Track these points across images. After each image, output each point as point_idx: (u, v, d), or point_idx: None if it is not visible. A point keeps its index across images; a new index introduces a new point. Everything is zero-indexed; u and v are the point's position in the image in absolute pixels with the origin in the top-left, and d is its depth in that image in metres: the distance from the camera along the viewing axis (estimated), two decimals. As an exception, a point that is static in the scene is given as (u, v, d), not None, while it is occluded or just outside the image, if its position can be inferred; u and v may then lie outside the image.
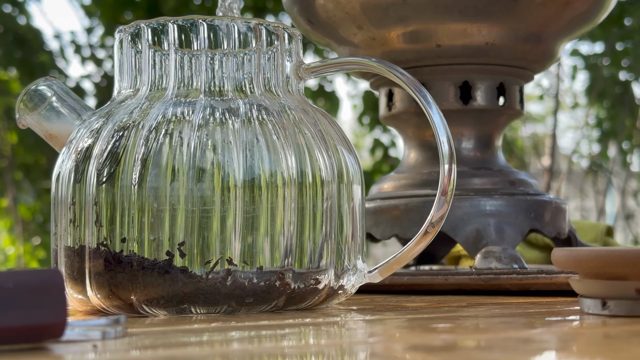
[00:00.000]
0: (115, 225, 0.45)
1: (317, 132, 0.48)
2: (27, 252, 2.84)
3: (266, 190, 0.46)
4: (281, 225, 0.46)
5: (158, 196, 0.45)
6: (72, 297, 0.47)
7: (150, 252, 0.45)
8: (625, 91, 3.08)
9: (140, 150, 0.45)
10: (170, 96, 0.48)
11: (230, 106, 0.47)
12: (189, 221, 0.45)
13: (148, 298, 0.45)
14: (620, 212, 3.35)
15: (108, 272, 0.45)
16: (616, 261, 0.39)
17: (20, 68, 2.61)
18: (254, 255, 0.45)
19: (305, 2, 0.68)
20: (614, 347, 0.30)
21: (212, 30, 0.49)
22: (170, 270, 0.44)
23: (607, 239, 0.93)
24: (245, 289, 0.45)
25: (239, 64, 0.49)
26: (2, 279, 0.30)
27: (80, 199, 0.46)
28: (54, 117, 0.50)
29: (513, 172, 0.70)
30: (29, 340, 0.31)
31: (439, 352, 0.29)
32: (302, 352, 0.31)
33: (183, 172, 0.45)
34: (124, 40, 0.50)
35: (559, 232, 0.69)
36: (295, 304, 0.47)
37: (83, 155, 0.47)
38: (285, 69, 0.50)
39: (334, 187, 0.48)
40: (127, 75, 0.50)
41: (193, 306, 0.45)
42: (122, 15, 2.74)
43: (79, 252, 0.46)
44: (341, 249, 0.48)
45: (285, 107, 0.49)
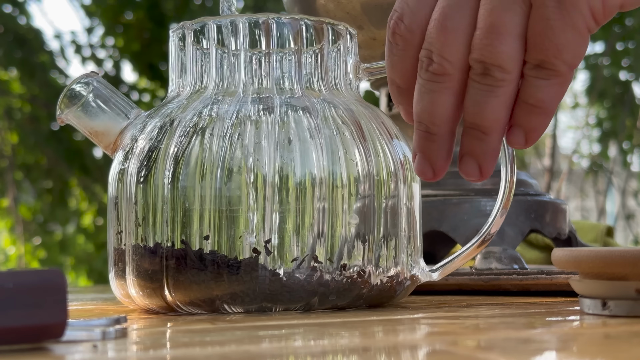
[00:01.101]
0: (194, 224, 0.45)
1: (380, 128, 0.49)
2: (27, 252, 2.84)
3: (341, 188, 0.46)
4: (358, 223, 0.46)
5: (230, 195, 0.45)
6: (140, 295, 0.47)
7: (228, 251, 0.45)
8: (626, 91, 3.08)
9: (216, 150, 0.45)
10: (242, 94, 0.48)
11: (305, 104, 0.47)
12: (274, 219, 0.45)
13: (232, 296, 0.45)
14: (621, 212, 3.35)
15: (190, 270, 0.45)
16: (616, 261, 0.39)
17: (20, 68, 2.61)
18: (335, 253, 0.45)
19: (305, 2, 0.68)
20: (614, 347, 0.30)
21: (279, 29, 0.49)
22: (256, 268, 0.44)
23: (608, 239, 0.93)
24: (329, 286, 0.45)
25: (305, 62, 0.49)
26: (2, 279, 0.30)
27: (147, 199, 0.46)
28: (95, 114, 0.50)
29: (513, 172, 0.70)
30: (29, 341, 0.31)
31: (439, 352, 0.30)
32: (298, 352, 0.31)
33: (264, 171, 0.45)
34: (186, 37, 0.50)
35: (559, 232, 0.69)
36: (368, 302, 0.47)
37: (148, 155, 0.47)
38: (347, 67, 0.51)
39: (400, 185, 0.48)
40: (190, 74, 0.50)
41: (275, 304, 0.45)
42: (122, 15, 2.74)
43: (153, 250, 0.46)
44: (408, 247, 0.49)
45: (352, 103, 0.49)
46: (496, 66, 0.39)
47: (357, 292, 0.46)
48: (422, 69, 0.40)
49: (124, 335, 0.35)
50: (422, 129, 0.41)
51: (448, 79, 0.40)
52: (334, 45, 0.50)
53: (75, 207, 2.87)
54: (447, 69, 0.40)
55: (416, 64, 0.41)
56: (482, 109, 0.39)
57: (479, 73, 0.39)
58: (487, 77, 0.39)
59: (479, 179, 0.42)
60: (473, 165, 0.41)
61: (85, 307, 0.54)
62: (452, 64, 0.40)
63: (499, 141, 0.41)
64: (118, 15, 2.73)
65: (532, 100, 0.39)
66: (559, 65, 0.38)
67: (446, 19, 0.39)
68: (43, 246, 2.85)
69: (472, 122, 0.40)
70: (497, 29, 0.38)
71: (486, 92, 0.39)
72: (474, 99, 0.40)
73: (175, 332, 0.37)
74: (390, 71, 0.42)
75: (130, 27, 2.73)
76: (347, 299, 0.46)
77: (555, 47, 0.38)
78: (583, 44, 0.39)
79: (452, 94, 0.40)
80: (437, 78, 0.40)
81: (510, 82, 0.39)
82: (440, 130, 0.41)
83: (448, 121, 0.41)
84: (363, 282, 0.46)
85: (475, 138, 0.40)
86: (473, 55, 0.39)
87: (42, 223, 2.87)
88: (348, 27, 0.51)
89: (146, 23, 2.69)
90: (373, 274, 0.46)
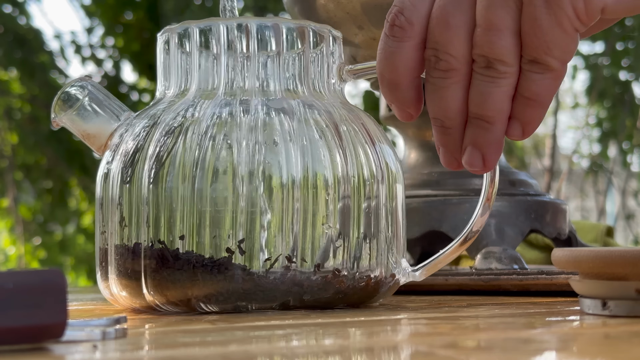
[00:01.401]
0: (173, 224, 0.46)
1: (362, 131, 0.49)
2: (27, 252, 2.84)
3: (316, 189, 0.46)
4: (334, 224, 0.46)
5: (208, 196, 0.45)
6: (123, 294, 0.48)
7: (206, 251, 0.45)
8: (626, 91, 3.08)
9: (194, 151, 0.46)
10: (222, 96, 0.48)
11: (283, 106, 0.48)
12: (247, 219, 0.45)
13: (206, 295, 0.45)
14: (621, 212, 3.35)
15: (166, 269, 0.45)
16: (616, 261, 0.39)
17: (20, 68, 2.61)
18: (310, 253, 0.46)
19: (306, 2, 0.68)
20: (614, 347, 0.30)
21: (260, 31, 0.49)
22: (230, 267, 0.45)
23: (608, 239, 0.93)
24: (303, 286, 0.46)
25: (286, 65, 0.49)
26: (2, 280, 0.30)
27: (131, 199, 0.47)
28: (89, 117, 0.51)
29: (513, 173, 0.70)
30: (29, 341, 0.31)
31: (440, 352, 0.29)
32: (294, 352, 0.31)
33: (240, 171, 0.46)
34: (170, 41, 0.50)
35: (559, 232, 0.69)
36: (346, 302, 0.48)
37: (132, 156, 0.47)
38: (330, 70, 0.51)
39: (380, 186, 0.48)
40: (175, 76, 0.50)
41: (250, 303, 0.45)
42: (122, 15, 2.74)
43: (132, 250, 0.47)
44: (389, 247, 0.49)
45: (332, 106, 0.49)
46: (498, 60, 0.41)
47: (333, 291, 0.46)
48: (431, 67, 0.42)
49: (124, 335, 0.35)
50: (438, 124, 0.43)
51: (455, 74, 0.42)
52: (316, 48, 0.50)
53: (75, 207, 2.87)
54: (454, 64, 0.41)
55: (410, 59, 0.42)
56: (486, 99, 0.41)
57: (482, 66, 0.41)
58: (490, 70, 0.41)
59: (483, 170, 0.43)
60: (477, 156, 0.43)
61: (85, 307, 0.54)
62: (457, 59, 0.41)
63: (502, 133, 0.42)
64: (118, 15, 2.73)
65: (528, 93, 0.41)
66: (550, 61, 0.40)
67: (448, 16, 0.41)
68: (43, 246, 2.85)
69: (476, 112, 0.42)
70: (496, 26, 0.40)
71: (490, 83, 0.41)
72: (478, 90, 0.41)
73: (176, 332, 0.37)
74: (381, 64, 0.43)
75: (130, 27, 2.73)
76: (323, 299, 0.46)
77: (544, 45, 0.40)
78: (571, 42, 0.40)
79: (460, 87, 0.42)
80: (445, 74, 0.42)
81: (512, 75, 0.41)
82: (454, 123, 0.43)
83: (460, 113, 0.42)
84: (338, 282, 0.46)
85: (479, 128, 0.42)
86: (476, 50, 0.41)
87: (42, 223, 2.87)
88: (331, 30, 0.51)
89: (146, 23, 2.70)
90: (349, 274, 0.47)
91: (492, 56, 0.40)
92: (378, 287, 0.48)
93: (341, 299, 0.47)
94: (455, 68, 0.41)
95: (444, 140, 0.43)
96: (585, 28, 0.41)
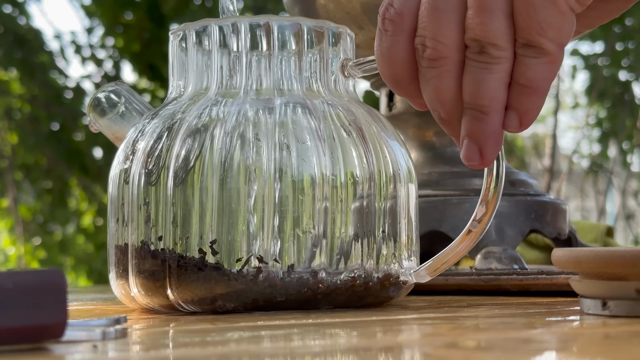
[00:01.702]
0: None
1: (383, 130, 0.49)
2: (27, 252, 2.84)
3: (300, 190, 0.46)
4: (310, 224, 0.46)
5: (186, 195, 0.46)
6: (122, 295, 0.48)
7: (189, 250, 0.45)
8: (626, 91, 3.08)
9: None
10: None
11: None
12: (220, 219, 0.45)
13: (183, 296, 0.45)
14: (621, 212, 3.35)
15: (147, 269, 0.46)
16: (616, 261, 0.39)
17: (20, 68, 2.61)
18: (284, 253, 0.46)
19: (305, 2, 0.68)
20: (614, 347, 0.30)
21: (281, 30, 0.49)
22: (204, 267, 0.45)
23: (608, 239, 0.93)
24: (277, 287, 0.45)
25: (306, 64, 0.50)
26: (2, 280, 0.30)
27: (129, 198, 0.47)
28: (122, 121, 0.51)
29: (513, 173, 0.70)
30: (29, 341, 0.31)
31: (440, 352, 0.29)
32: (294, 352, 0.31)
33: (213, 170, 0.45)
34: (188, 39, 0.50)
35: (559, 232, 0.69)
36: (331, 303, 0.47)
37: (156, 155, 0.47)
38: (329, 67, 0.50)
39: (398, 186, 0.48)
40: (192, 75, 0.50)
41: (226, 303, 0.45)
42: (122, 16, 2.74)
43: (123, 250, 0.48)
44: (407, 247, 0.49)
45: (352, 105, 0.49)
46: (491, 44, 0.39)
47: (310, 292, 0.46)
48: (420, 57, 0.40)
49: (124, 335, 0.35)
50: (436, 116, 0.41)
51: (445, 62, 0.40)
52: (334, 47, 0.50)
53: (75, 208, 2.87)
54: (442, 52, 0.39)
55: (406, 52, 0.41)
56: (480, 86, 0.39)
57: (475, 52, 0.39)
58: (484, 55, 0.39)
59: (481, 164, 0.41)
60: (473, 149, 0.40)
61: (85, 307, 0.54)
62: (446, 46, 0.39)
63: (499, 123, 0.40)
64: (118, 15, 2.73)
65: (523, 79, 0.39)
66: (545, 43, 0.38)
67: (437, 1, 0.39)
68: (43, 246, 2.85)
69: (470, 101, 0.40)
70: (488, 6, 0.38)
71: (483, 69, 0.39)
72: (471, 77, 0.39)
73: (176, 332, 0.37)
74: (380, 63, 0.42)
75: (130, 28, 2.73)
76: (298, 300, 0.46)
77: (538, 25, 0.38)
78: (567, 22, 0.38)
79: (452, 76, 0.40)
80: (434, 63, 0.40)
81: (506, 60, 0.39)
82: (450, 115, 0.41)
83: (455, 104, 0.40)
84: (315, 283, 0.46)
85: (474, 119, 0.40)
86: (468, 34, 0.39)
87: (42, 223, 2.86)
88: (347, 30, 0.51)
89: (146, 23, 2.69)
90: (331, 275, 0.46)
91: (485, 40, 0.38)
92: (391, 287, 0.48)
93: (356, 300, 0.47)
94: (445, 56, 0.39)
95: (448, 131, 0.41)
96: (582, 8, 0.39)
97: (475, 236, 0.47)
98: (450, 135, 0.42)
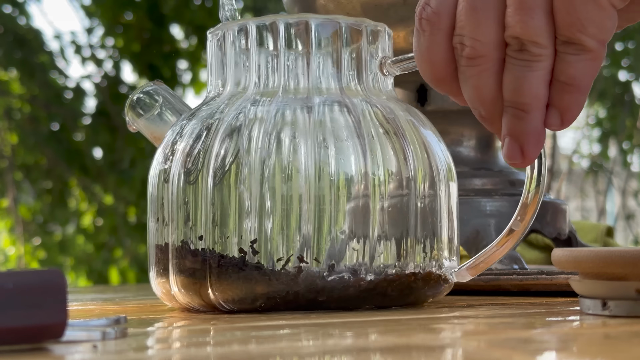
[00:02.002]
0: (195, 223, 0.46)
1: (424, 128, 0.49)
2: (27, 252, 2.84)
3: (338, 189, 0.46)
4: (349, 223, 0.46)
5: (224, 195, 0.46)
6: (162, 294, 0.48)
7: (228, 250, 0.45)
8: (626, 91, 3.08)
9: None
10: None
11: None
12: (260, 219, 0.45)
13: (224, 295, 0.45)
14: (621, 212, 3.35)
15: (188, 269, 0.46)
16: (616, 262, 0.39)
17: (20, 68, 2.61)
18: (323, 253, 0.45)
19: (305, 2, 0.68)
20: (614, 347, 0.30)
21: (287, 30, 0.49)
22: (244, 267, 0.45)
23: (608, 240, 0.93)
24: (317, 286, 0.45)
25: (343, 62, 0.49)
26: (2, 280, 0.30)
27: (169, 198, 0.47)
28: (160, 121, 0.51)
29: (513, 173, 0.70)
30: (29, 341, 0.31)
31: (439, 352, 0.29)
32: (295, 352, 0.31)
33: (252, 170, 0.45)
34: (226, 38, 0.50)
35: (559, 232, 0.69)
36: (371, 303, 0.47)
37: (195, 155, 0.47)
38: (367, 65, 0.50)
39: (407, 184, 0.48)
40: (230, 74, 0.50)
41: (266, 302, 0.45)
42: (122, 16, 2.74)
43: (164, 249, 0.47)
44: (447, 246, 0.48)
45: (389, 103, 0.49)
46: (531, 42, 0.38)
47: (352, 291, 0.46)
48: (459, 56, 0.40)
49: (123, 335, 0.35)
50: (477, 114, 0.41)
51: (484, 61, 0.39)
52: (372, 45, 0.50)
53: (74, 208, 2.87)
54: (480, 50, 0.39)
55: (445, 51, 0.40)
56: (521, 84, 0.39)
57: (515, 50, 0.39)
58: (524, 53, 0.39)
59: (522, 163, 0.40)
60: (514, 147, 0.40)
61: (85, 308, 0.54)
62: (485, 44, 0.39)
63: (540, 121, 0.40)
64: (118, 15, 2.73)
65: (564, 77, 0.39)
66: (585, 40, 0.38)
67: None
68: (43, 246, 2.85)
69: (511, 99, 0.39)
70: (528, 4, 0.38)
71: (524, 67, 0.39)
72: (512, 75, 0.39)
73: (176, 333, 0.37)
74: (419, 62, 0.42)
75: (130, 28, 2.73)
76: (339, 299, 0.46)
77: (578, 22, 0.38)
78: (607, 18, 0.38)
79: (491, 74, 0.40)
80: (473, 62, 0.40)
81: (547, 57, 0.39)
82: (491, 114, 0.40)
83: (496, 102, 0.40)
84: (356, 282, 0.45)
85: (515, 117, 0.40)
86: (508, 32, 0.39)
87: (42, 223, 2.86)
88: (386, 27, 0.51)
89: (146, 23, 2.69)
90: (370, 274, 0.46)
91: (525, 37, 0.38)
92: (432, 286, 0.48)
93: (396, 299, 0.47)
94: (484, 54, 0.39)
95: (490, 129, 0.41)
96: (623, 4, 0.38)
97: (517, 236, 0.47)
98: (493, 132, 0.42)
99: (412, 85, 0.68)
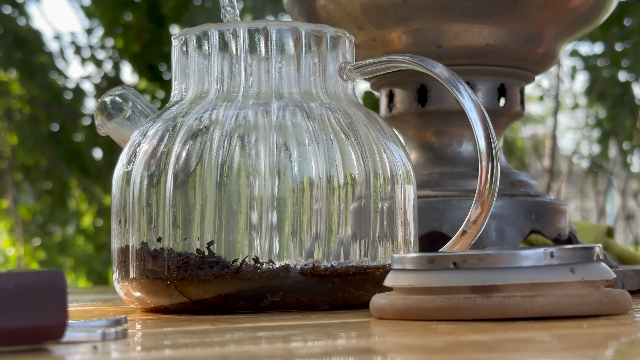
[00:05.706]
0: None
1: (380, 133, 0.49)
2: (27, 253, 2.84)
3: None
4: (307, 224, 0.46)
5: (187, 197, 0.46)
6: (124, 296, 0.49)
7: (189, 251, 0.46)
8: (625, 92, 3.08)
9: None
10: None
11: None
12: (219, 221, 0.46)
13: (183, 297, 0.46)
14: (621, 212, 3.35)
15: (148, 270, 0.46)
16: None
17: (20, 69, 2.61)
18: (282, 254, 0.46)
19: (305, 3, 0.68)
20: (614, 347, 0.30)
21: (248, 35, 0.50)
22: (203, 267, 0.45)
23: (608, 240, 0.93)
24: (272, 286, 0.46)
25: (304, 68, 0.50)
26: (2, 280, 0.30)
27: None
28: (129, 125, 0.52)
29: (513, 173, 0.70)
30: (29, 342, 0.31)
31: (439, 352, 0.29)
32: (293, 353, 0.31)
33: (211, 172, 0.46)
34: (188, 43, 0.50)
35: (560, 233, 0.69)
36: (328, 304, 0.47)
37: (158, 158, 0.48)
38: (327, 70, 0.51)
39: (396, 187, 0.49)
40: (193, 78, 0.51)
41: (225, 303, 0.46)
42: (122, 16, 2.74)
43: (125, 251, 0.48)
44: (378, 248, 0.49)
45: (349, 108, 0.50)
46: None
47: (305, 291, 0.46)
48: None
49: (124, 336, 0.35)
50: None
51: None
52: (333, 51, 0.51)
53: (74, 208, 2.87)
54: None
55: None
56: None
57: None
58: None
59: None
60: None
61: (85, 308, 0.54)
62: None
63: None
64: (117, 16, 2.73)
65: None
66: None
67: None
68: (43, 247, 2.85)
69: None
70: None
71: None
72: None
73: (176, 333, 0.37)
74: None
75: (130, 28, 2.73)
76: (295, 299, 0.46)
77: None
78: None
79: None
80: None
81: None
82: None
83: None
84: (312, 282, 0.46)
85: None
86: None
87: (42, 224, 2.86)
88: (347, 33, 0.51)
89: (146, 24, 2.69)
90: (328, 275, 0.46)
91: None
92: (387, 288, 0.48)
93: (354, 299, 0.47)
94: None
95: None
96: None
97: (470, 237, 0.48)
98: None
99: (412, 85, 0.68)
